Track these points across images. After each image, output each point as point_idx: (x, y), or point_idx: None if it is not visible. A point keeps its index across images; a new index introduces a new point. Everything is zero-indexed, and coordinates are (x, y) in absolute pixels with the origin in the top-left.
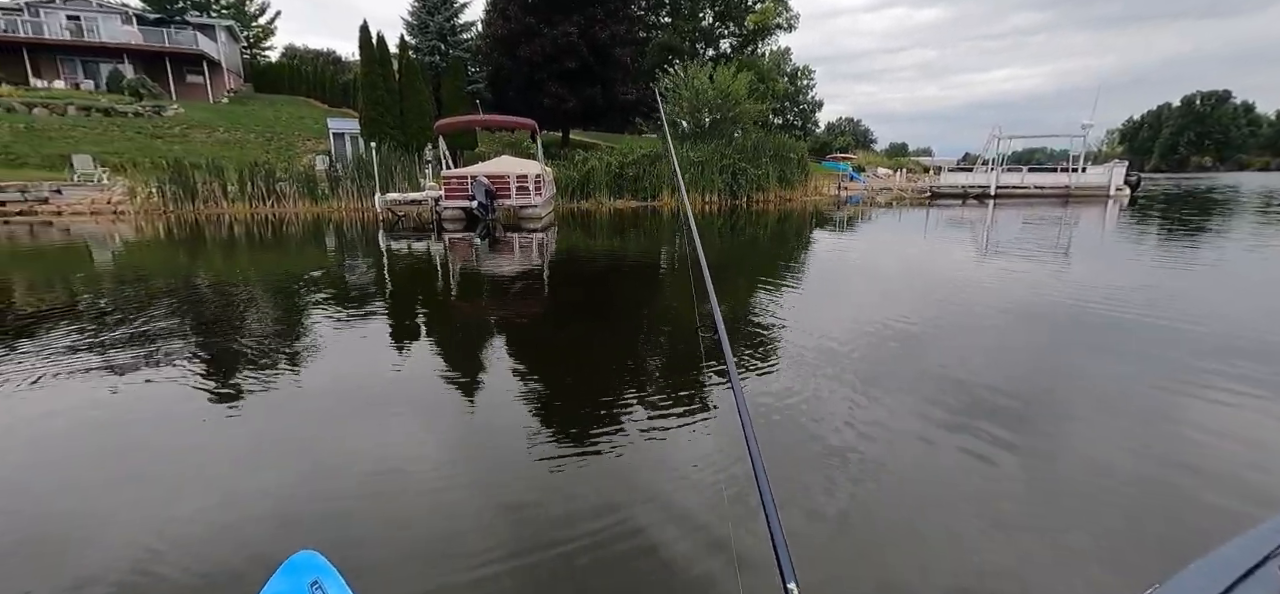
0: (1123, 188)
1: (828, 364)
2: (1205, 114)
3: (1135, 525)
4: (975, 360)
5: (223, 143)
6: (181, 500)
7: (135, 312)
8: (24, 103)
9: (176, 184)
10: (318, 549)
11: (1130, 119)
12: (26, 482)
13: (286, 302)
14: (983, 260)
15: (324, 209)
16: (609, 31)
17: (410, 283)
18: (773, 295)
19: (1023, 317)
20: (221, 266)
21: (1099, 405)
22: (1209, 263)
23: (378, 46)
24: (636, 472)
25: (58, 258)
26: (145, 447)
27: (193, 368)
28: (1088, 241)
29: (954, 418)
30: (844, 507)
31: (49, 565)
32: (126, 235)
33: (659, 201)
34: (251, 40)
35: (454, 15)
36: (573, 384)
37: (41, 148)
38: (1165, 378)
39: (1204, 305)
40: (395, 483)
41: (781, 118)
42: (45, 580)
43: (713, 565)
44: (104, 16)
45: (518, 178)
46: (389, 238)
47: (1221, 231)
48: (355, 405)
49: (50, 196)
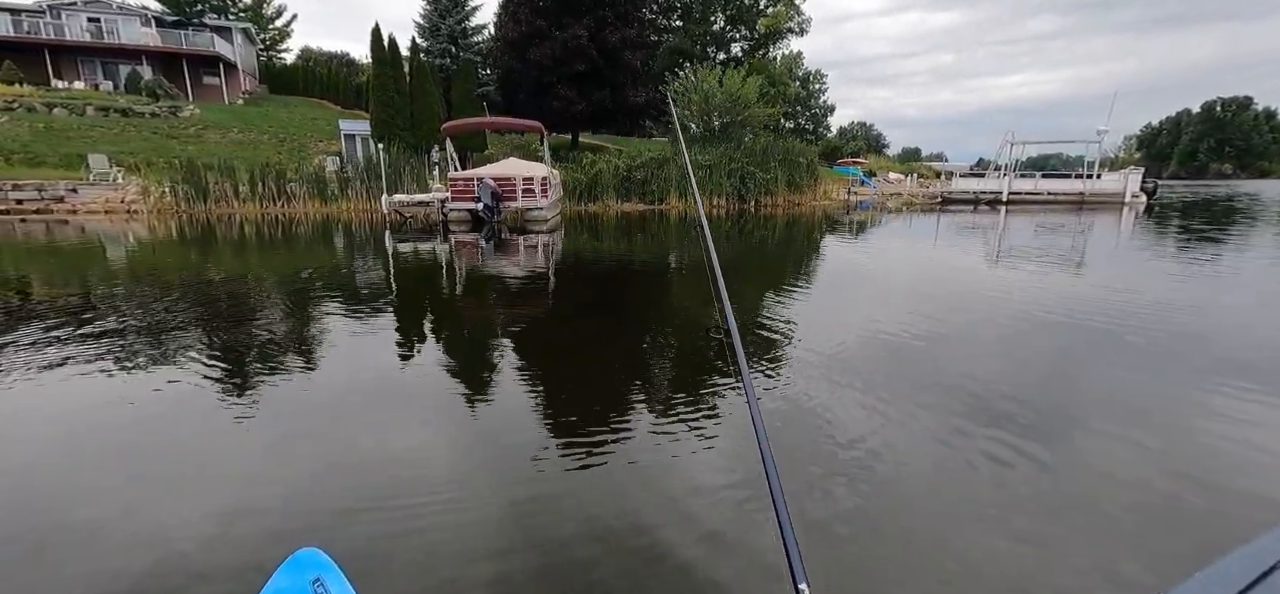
0: (1138, 195)
1: (836, 371)
2: (1226, 120)
3: (1149, 538)
4: (984, 369)
5: (236, 143)
6: (187, 497)
7: (138, 308)
8: (45, 103)
9: (189, 184)
10: (325, 546)
11: (1148, 125)
12: (29, 480)
13: (286, 302)
14: (992, 267)
15: (333, 210)
16: (619, 35)
17: (412, 284)
18: (779, 300)
19: (1034, 327)
20: (227, 265)
21: (1113, 415)
22: (1227, 273)
23: (389, 48)
24: (646, 473)
25: (67, 255)
26: (150, 445)
27: (197, 365)
28: (1101, 250)
29: (966, 425)
30: (853, 511)
31: (47, 561)
32: (138, 234)
33: (666, 205)
34: (268, 43)
35: (465, 18)
36: (576, 387)
37: (60, 147)
38: (1182, 390)
39: (1222, 316)
40: (404, 482)
41: (793, 121)
42: (42, 578)
43: (724, 567)
44: (124, 18)
45: (524, 180)
46: (395, 239)
47: (1239, 241)
48: (357, 405)
49: (66, 195)
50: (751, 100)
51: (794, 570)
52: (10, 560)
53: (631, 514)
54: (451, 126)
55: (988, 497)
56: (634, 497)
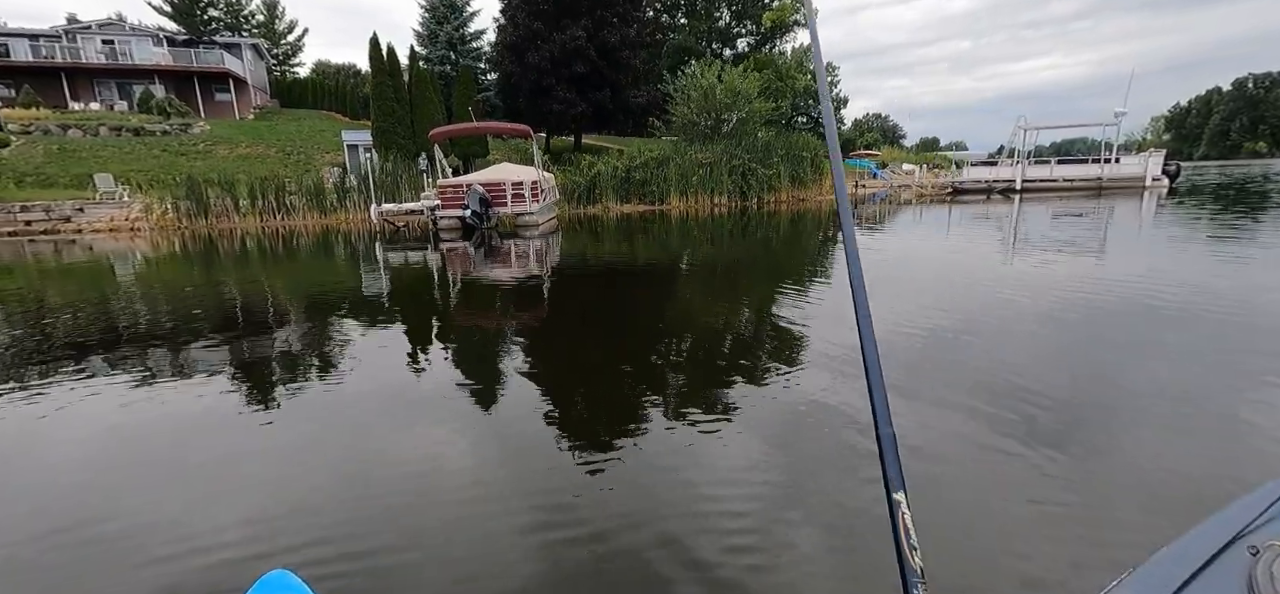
0: (1160, 178)
1: (850, 365)
2: (1259, 97)
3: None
4: (1003, 368)
5: (244, 158)
6: (188, 511)
7: (127, 323)
8: (59, 125)
9: (190, 200)
10: (333, 554)
11: (1177, 105)
12: (42, 496)
13: (255, 317)
14: (1007, 262)
15: (332, 221)
16: (619, 34)
17: (390, 296)
18: (786, 298)
19: (1047, 323)
20: (203, 281)
21: (1141, 411)
22: (1258, 262)
23: (388, 57)
24: (659, 480)
25: (62, 273)
26: (146, 460)
27: (179, 379)
28: (1119, 240)
29: (991, 421)
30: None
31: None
32: (139, 251)
33: (667, 205)
34: (280, 58)
35: (463, 23)
36: (563, 393)
37: (71, 168)
38: (1217, 379)
39: (1249, 308)
40: (413, 491)
41: (805, 116)
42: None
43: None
44: (137, 39)
45: (513, 185)
46: (386, 249)
47: (1270, 225)
48: (329, 430)
49: (72, 215)
50: (752, 96)
51: (888, 478)
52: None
53: (650, 525)
54: (439, 133)
55: (1025, 481)
56: (649, 506)
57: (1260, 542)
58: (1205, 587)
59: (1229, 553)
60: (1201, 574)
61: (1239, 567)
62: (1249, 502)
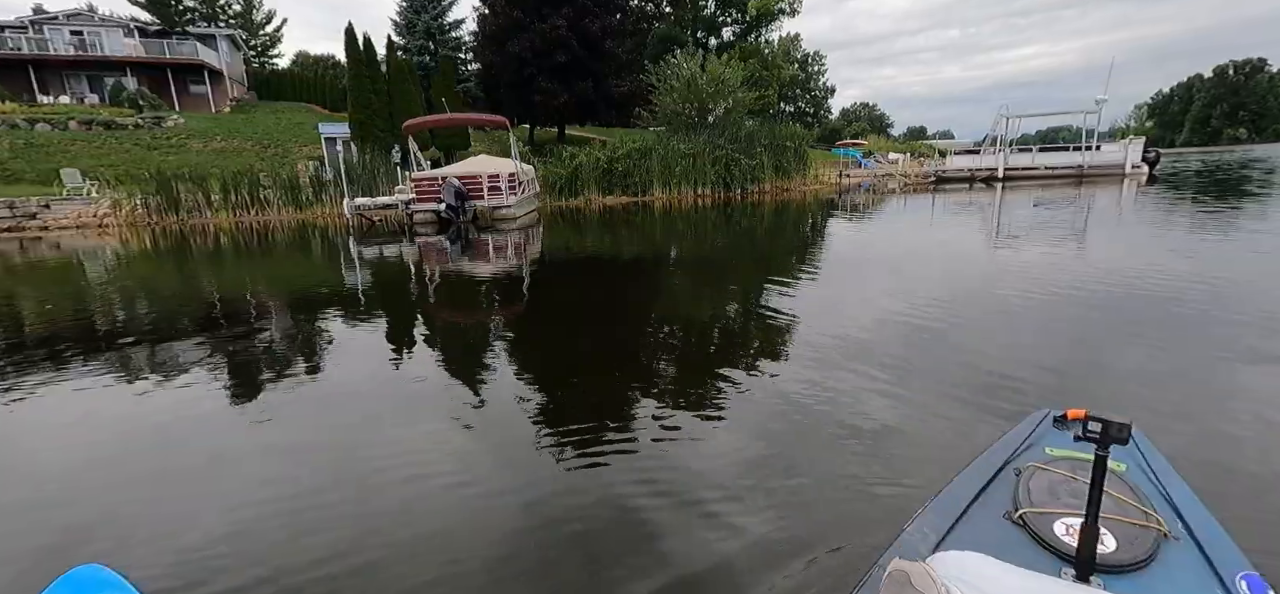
0: (1139, 165)
1: (852, 357)
2: (1239, 84)
3: None
4: (984, 355)
5: (218, 152)
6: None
7: (78, 323)
8: (26, 119)
9: (160, 195)
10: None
11: (1159, 92)
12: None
13: (216, 314)
14: (991, 251)
15: (308, 216)
16: (600, 23)
17: (368, 289)
18: (769, 288)
19: (1028, 308)
20: (168, 280)
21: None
22: (1236, 244)
23: (365, 48)
24: (650, 470)
25: (23, 274)
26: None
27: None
28: (1096, 227)
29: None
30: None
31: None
32: (106, 248)
33: (650, 197)
34: (259, 49)
35: (442, 13)
36: (534, 388)
37: (38, 164)
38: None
39: (1230, 289)
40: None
41: (792, 105)
42: None
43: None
44: (107, 30)
45: (490, 177)
46: (360, 244)
47: (1245, 210)
48: (285, 438)
49: (38, 212)
50: (735, 85)
51: None
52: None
53: (641, 512)
54: (413, 125)
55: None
56: (642, 496)
57: (1022, 464)
58: (984, 503)
59: (1001, 476)
60: (981, 495)
61: (1007, 486)
62: (1015, 434)
